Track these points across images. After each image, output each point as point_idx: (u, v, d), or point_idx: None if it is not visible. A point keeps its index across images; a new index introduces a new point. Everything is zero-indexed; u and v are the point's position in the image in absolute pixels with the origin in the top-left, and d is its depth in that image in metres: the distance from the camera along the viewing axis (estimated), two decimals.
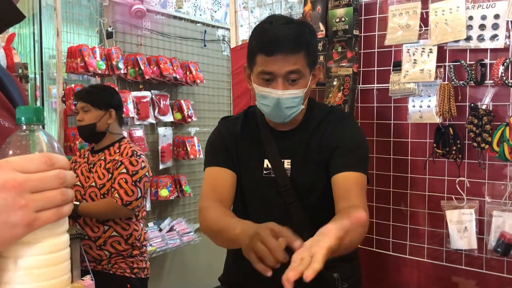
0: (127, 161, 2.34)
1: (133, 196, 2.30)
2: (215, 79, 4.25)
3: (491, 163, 1.70)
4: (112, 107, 2.43)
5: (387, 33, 1.86)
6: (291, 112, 1.41)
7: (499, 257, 1.68)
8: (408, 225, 1.88)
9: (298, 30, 1.37)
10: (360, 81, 1.96)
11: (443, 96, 1.72)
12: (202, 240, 3.93)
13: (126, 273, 2.36)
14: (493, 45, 1.65)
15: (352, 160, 1.39)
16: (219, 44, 4.30)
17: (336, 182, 1.37)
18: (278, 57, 1.33)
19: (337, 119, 1.48)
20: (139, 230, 2.42)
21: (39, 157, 0.59)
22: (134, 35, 3.61)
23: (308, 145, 1.47)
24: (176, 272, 3.97)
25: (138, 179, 2.33)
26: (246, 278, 1.59)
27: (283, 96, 1.36)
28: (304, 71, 1.38)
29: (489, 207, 1.69)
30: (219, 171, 1.51)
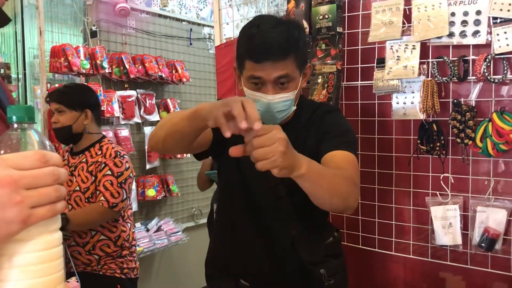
0: (111, 163, 2.29)
1: (119, 197, 2.27)
2: (201, 78, 4.23)
3: (475, 159, 1.70)
4: (88, 107, 2.35)
5: (370, 30, 1.86)
6: (282, 115, 1.40)
7: (483, 252, 1.68)
8: (393, 222, 1.88)
9: (287, 33, 1.34)
10: (344, 78, 1.95)
11: (426, 93, 1.72)
12: (190, 239, 3.92)
13: (116, 273, 2.32)
14: (475, 41, 1.65)
15: (341, 141, 1.38)
16: (205, 42, 4.28)
17: (325, 161, 1.34)
18: (267, 64, 1.31)
19: (323, 112, 1.49)
20: (126, 230, 2.39)
21: (33, 154, 0.60)
22: (118, 34, 3.57)
23: (297, 140, 1.44)
24: (165, 272, 3.95)
25: (123, 181, 2.30)
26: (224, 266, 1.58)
27: (273, 100, 1.35)
28: (294, 74, 1.36)
29: (473, 203, 1.70)
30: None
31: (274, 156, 0.98)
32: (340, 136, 1.41)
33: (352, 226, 1.97)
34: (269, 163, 0.99)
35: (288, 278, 1.50)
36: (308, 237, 1.47)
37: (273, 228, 1.48)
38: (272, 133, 0.99)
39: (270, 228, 1.49)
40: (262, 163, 0.99)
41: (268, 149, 0.98)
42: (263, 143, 0.98)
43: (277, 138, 0.98)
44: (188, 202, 4.17)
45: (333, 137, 1.40)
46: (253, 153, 0.99)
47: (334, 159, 1.33)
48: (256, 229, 1.50)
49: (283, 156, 0.99)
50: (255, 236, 1.50)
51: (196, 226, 4.10)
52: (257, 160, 0.99)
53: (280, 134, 1.00)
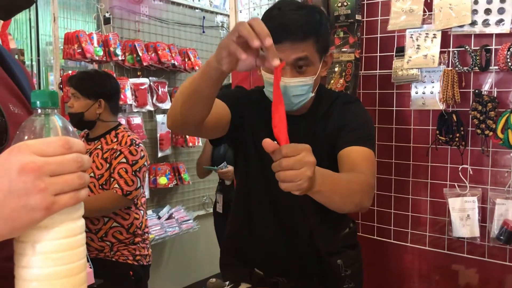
0: (126, 151, 2.29)
1: (133, 185, 2.27)
2: None
3: (495, 151, 1.67)
4: (102, 97, 2.34)
5: (390, 18, 1.82)
6: (299, 100, 1.37)
7: (501, 245, 1.66)
8: (409, 213, 1.86)
9: (308, 16, 1.33)
10: (362, 67, 1.92)
11: (446, 82, 1.69)
12: (201, 228, 3.93)
13: (128, 260, 2.33)
14: (499, 30, 1.62)
15: (358, 136, 1.36)
16: (218, 31, 4.25)
17: (342, 157, 1.34)
18: (286, 44, 1.30)
19: (343, 103, 1.46)
20: (139, 218, 2.39)
21: (57, 141, 0.59)
22: (131, 21, 3.56)
23: (317, 130, 1.44)
24: (175, 259, 3.97)
25: (138, 169, 2.30)
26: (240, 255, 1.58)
27: (290, 84, 1.32)
28: (313, 58, 1.34)
29: (492, 195, 1.68)
30: (218, 101, 1.36)
31: (301, 181, 0.96)
32: (358, 129, 1.38)
33: (368, 217, 1.95)
34: (295, 186, 0.97)
35: (304, 268, 1.49)
36: (325, 228, 1.46)
37: (291, 218, 1.47)
38: (301, 155, 0.95)
39: (288, 218, 1.48)
40: (287, 185, 0.97)
41: (296, 172, 0.95)
42: (292, 166, 0.94)
43: (306, 162, 0.95)
44: (199, 190, 4.18)
45: (351, 130, 1.37)
46: (280, 174, 0.96)
47: (351, 155, 1.32)
48: (274, 219, 1.48)
49: (309, 180, 0.97)
50: (273, 225, 1.49)
51: (207, 215, 4.11)
52: (283, 181, 0.97)
53: (309, 157, 0.96)
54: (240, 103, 1.45)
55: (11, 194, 0.56)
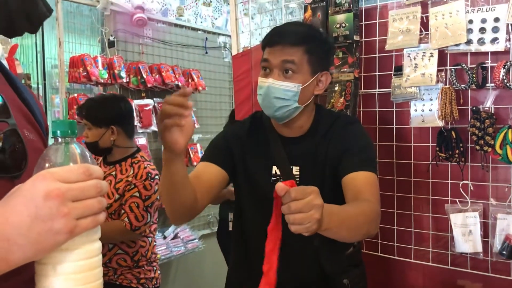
0: (141, 185, 2.26)
1: (143, 221, 2.25)
2: (217, 86, 4.26)
3: (494, 166, 1.70)
4: (114, 123, 2.30)
5: (387, 38, 1.87)
6: (280, 105, 1.40)
7: (504, 260, 1.67)
8: (412, 229, 1.88)
9: (306, 29, 1.45)
10: (362, 86, 1.96)
11: (445, 100, 1.72)
12: (206, 247, 3.94)
13: (132, 283, 2.32)
14: (494, 48, 1.65)
15: (360, 160, 1.38)
16: (220, 51, 4.31)
17: (346, 183, 1.36)
18: (277, 47, 1.39)
19: (344, 124, 1.48)
20: (146, 245, 2.36)
21: (78, 168, 0.64)
22: (135, 43, 3.62)
23: (317, 152, 1.45)
24: (182, 279, 3.97)
25: (150, 204, 2.27)
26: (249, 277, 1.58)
27: (273, 84, 1.39)
28: (301, 65, 1.39)
29: (493, 210, 1.69)
30: (207, 166, 1.47)
31: (309, 223, 0.98)
32: (360, 153, 1.41)
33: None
34: (304, 229, 0.99)
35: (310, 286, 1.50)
36: (330, 248, 1.47)
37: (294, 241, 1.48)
38: (310, 198, 0.98)
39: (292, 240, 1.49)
40: (297, 228, 0.99)
41: (305, 215, 0.97)
42: (301, 209, 0.97)
43: (314, 205, 0.98)
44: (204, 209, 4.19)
45: (353, 154, 1.39)
46: (290, 217, 0.98)
47: (355, 182, 1.35)
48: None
49: (318, 223, 1.00)
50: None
51: (212, 234, 4.11)
52: (293, 224, 0.99)
53: (317, 200, 0.99)
54: (229, 151, 1.51)
55: (37, 219, 0.60)
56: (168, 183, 1.26)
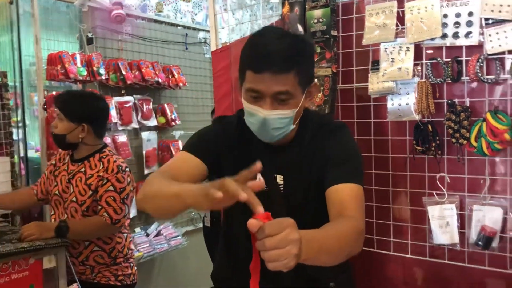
0: (113, 178, 2.26)
1: (122, 213, 2.25)
2: (198, 82, 4.24)
3: (470, 158, 1.72)
4: (86, 121, 2.29)
5: (364, 32, 1.88)
6: (278, 133, 1.34)
7: (480, 251, 1.70)
8: (391, 222, 1.90)
9: (291, 45, 1.28)
10: (340, 81, 1.97)
11: (421, 94, 1.74)
12: (190, 243, 3.93)
13: (110, 281, 2.32)
14: (468, 42, 1.67)
15: (345, 172, 1.32)
16: (200, 47, 4.29)
17: (330, 195, 1.31)
18: (266, 75, 1.24)
19: (329, 132, 1.42)
20: (122, 241, 2.37)
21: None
22: (114, 40, 3.58)
23: (301, 161, 1.41)
24: (165, 276, 3.96)
25: (126, 196, 2.28)
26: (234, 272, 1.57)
27: (269, 116, 1.29)
28: (295, 91, 1.29)
29: (469, 202, 1.72)
30: (190, 157, 1.41)
31: (287, 260, 0.92)
32: (346, 163, 1.35)
33: None
34: (281, 266, 0.92)
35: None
36: None
37: None
38: (285, 233, 0.92)
39: None
40: (274, 265, 0.92)
41: (281, 251, 0.91)
42: (276, 245, 0.91)
43: (291, 240, 0.92)
44: None
45: (339, 164, 1.34)
46: (265, 254, 0.92)
47: (339, 195, 1.29)
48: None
49: (296, 258, 0.93)
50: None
51: (196, 230, 4.11)
52: (269, 261, 0.92)
53: (293, 235, 0.93)
54: (213, 149, 1.45)
55: None
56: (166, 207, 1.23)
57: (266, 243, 0.91)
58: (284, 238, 0.91)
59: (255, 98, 1.30)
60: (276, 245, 0.91)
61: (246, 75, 1.30)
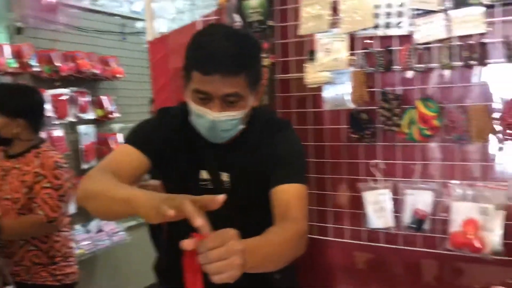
0: (50, 175, 2.17)
1: (59, 211, 2.17)
2: (137, 73, 4.14)
3: (402, 145, 1.79)
4: (22, 115, 2.19)
5: (300, 23, 1.89)
6: (227, 135, 1.34)
7: (413, 233, 1.78)
8: (330, 209, 1.95)
9: (241, 47, 1.26)
10: (278, 71, 1.98)
11: (355, 83, 1.78)
12: (133, 238, 3.86)
13: (48, 281, 2.23)
14: (399, 32, 1.73)
15: (290, 172, 1.35)
16: (139, 37, 4.19)
17: (275, 196, 1.32)
18: (216, 77, 1.22)
19: (274, 131, 1.43)
20: (60, 240, 2.28)
21: None
22: (47, 30, 3.43)
23: (247, 159, 1.41)
24: (108, 273, 3.87)
25: (63, 193, 2.20)
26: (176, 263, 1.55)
27: (219, 118, 1.27)
28: (245, 93, 1.28)
29: (402, 186, 1.79)
30: (132, 151, 1.37)
31: (232, 271, 0.92)
32: (290, 164, 1.37)
33: None
34: (227, 278, 0.92)
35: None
36: None
37: None
38: (229, 245, 0.91)
39: None
40: (219, 278, 0.91)
41: (225, 263, 0.90)
42: (220, 257, 0.90)
43: (234, 251, 0.92)
44: None
45: (284, 164, 1.35)
46: (211, 267, 0.90)
47: (283, 196, 1.31)
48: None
49: (241, 269, 0.93)
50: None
51: (139, 225, 4.03)
52: (214, 274, 0.91)
53: (237, 245, 0.93)
54: (156, 142, 1.41)
55: None
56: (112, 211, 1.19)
57: (209, 255, 0.90)
58: (228, 250, 0.91)
59: (202, 100, 1.27)
60: (220, 257, 0.90)
61: (193, 75, 1.27)
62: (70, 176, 2.27)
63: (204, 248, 0.91)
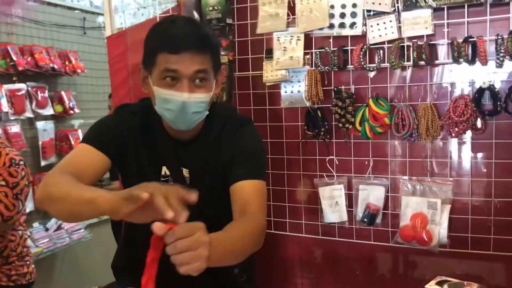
0: (5, 173, 2.12)
1: (14, 210, 2.12)
2: (98, 68, 4.08)
3: (356, 142, 1.85)
4: None
5: (258, 21, 1.92)
6: (197, 118, 1.34)
7: (366, 227, 1.84)
8: (287, 204, 1.99)
9: (202, 29, 1.32)
10: (236, 69, 2.01)
11: (311, 81, 1.83)
12: (93, 236, 3.82)
13: (2, 282, 2.18)
14: (353, 33, 1.78)
15: (250, 168, 1.36)
16: (100, 32, 4.13)
17: (234, 192, 1.34)
18: (185, 55, 1.26)
19: (235, 127, 1.44)
20: (15, 239, 2.24)
21: None
22: (3, 23, 3.34)
23: (207, 155, 1.42)
24: (69, 271, 3.81)
25: (20, 191, 2.15)
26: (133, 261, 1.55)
27: (189, 99, 1.28)
28: (210, 73, 1.32)
29: (355, 182, 1.85)
30: (92, 151, 1.37)
31: (199, 262, 0.94)
32: (250, 160, 1.38)
33: None
34: (193, 269, 0.94)
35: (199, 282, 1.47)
36: None
37: None
38: (196, 236, 0.94)
39: None
40: (186, 268, 0.93)
41: (193, 254, 0.93)
42: (188, 247, 0.92)
43: (202, 242, 0.94)
44: None
45: (243, 161, 1.37)
46: (177, 258, 0.92)
47: (243, 192, 1.33)
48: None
49: (207, 260, 0.96)
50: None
51: (100, 222, 3.98)
52: (181, 265, 0.93)
53: (204, 237, 0.96)
54: (119, 141, 1.41)
55: None
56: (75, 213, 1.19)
57: (177, 245, 0.92)
58: (196, 240, 0.93)
59: (171, 81, 1.29)
60: (188, 247, 0.92)
61: (158, 58, 1.29)
62: (26, 174, 2.22)
63: (172, 237, 0.92)
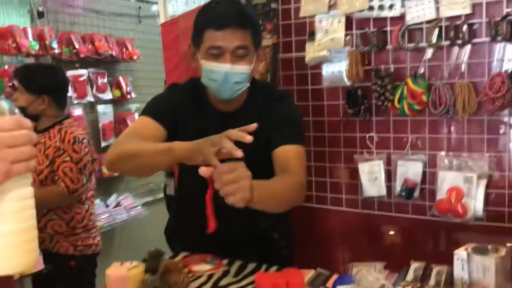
0: (70, 149, 2.31)
1: (79, 183, 2.31)
2: (152, 55, 4.28)
3: (395, 119, 1.92)
4: (46, 93, 2.35)
5: (301, 5, 2.02)
6: (237, 88, 1.48)
7: (404, 201, 1.92)
8: (327, 179, 2.09)
9: (245, 9, 1.49)
10: (280, 51, 2.12)
11: (351, 62, 1.91)
12: (150, 213, 4.04)
13: (69, 251, 2.37)
14: (391, 14, 1.85)
15: (290, 134, 1.49)
16: (154, 20, 4.32)
17: (277, 155, 1.46)
18: (227, 31, 1.42)
19: (276, 99, 1.58)
20: (82, 212, 2.42)
21: (11, 119, 0.74)
22: (66, 13, 3.59)
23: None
24: (126, 246, 4.05)
25: (83, 166, 2.33)
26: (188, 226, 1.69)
27: (231, 70, 1.44)
28: (251, 48, 1.46)
29: (394, 158, 1.93)
30: (151, 122, 1.52)
31: (243, 192, 1.10)
32: (290, 127, 1.52)
33: None
34: (239, 198, 1.10)
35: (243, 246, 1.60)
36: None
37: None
38: (239, 171, 1.11)
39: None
40: (232, 199, 1.10)
41: (237, 185, 1.09)
42: (232, 179, 1.09)
43: (244, 176, 1.11)
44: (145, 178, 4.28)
45: (284, 129, 1.51)
46: (224, 189, 1.09)
47: (284, 154, 1.46)
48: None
49: (250, 191, 1.11)
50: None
51: (156, 200, 4.21)
52: (228, 195, 1.09)
53: (246, 172, 1.12)
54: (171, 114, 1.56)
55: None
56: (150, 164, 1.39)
57: (223, 179, 1.09)
58: (238, 174, 1.10)
59: (215, 56, 1.45)
60: (232, 179, 1.09)
61: (205, 35, 1.46)
62: (90, 151, 2.43)
63: (218, 173, 1.10)
